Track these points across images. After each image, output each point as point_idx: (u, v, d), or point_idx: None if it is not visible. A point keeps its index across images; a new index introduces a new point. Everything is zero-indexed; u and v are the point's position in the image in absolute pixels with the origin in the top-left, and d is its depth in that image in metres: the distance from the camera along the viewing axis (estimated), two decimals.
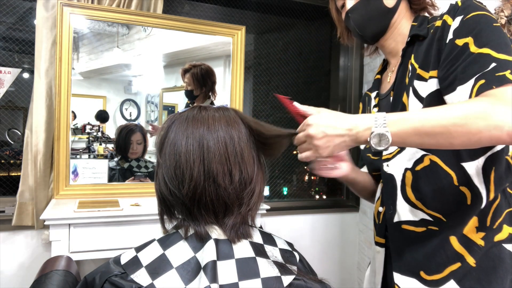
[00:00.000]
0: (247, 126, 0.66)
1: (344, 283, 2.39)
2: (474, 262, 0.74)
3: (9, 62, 1.86)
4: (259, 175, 0.65)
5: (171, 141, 0.63)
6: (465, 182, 0.75)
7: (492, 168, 0.74)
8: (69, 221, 1.45)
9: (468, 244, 0.75)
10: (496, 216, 0.75)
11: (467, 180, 0.75)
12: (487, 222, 0.75)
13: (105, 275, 0.59)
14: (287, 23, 2.44)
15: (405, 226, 0.82)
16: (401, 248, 0.83)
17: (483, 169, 0.74)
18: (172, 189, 0.62)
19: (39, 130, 1.73)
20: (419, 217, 0.80)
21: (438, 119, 0.62)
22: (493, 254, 0.74)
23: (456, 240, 0.75)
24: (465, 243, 0.75)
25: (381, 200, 0.92)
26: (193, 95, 2.06)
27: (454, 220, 0.76)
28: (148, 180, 1.97)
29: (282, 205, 2.36)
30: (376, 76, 1.01)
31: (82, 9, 1.76)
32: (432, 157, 0.77)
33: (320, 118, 0.70)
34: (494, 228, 0.75)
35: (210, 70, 2.08)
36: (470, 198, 0.74)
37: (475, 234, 0.75)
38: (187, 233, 0.61)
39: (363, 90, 2.46)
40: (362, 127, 0.66)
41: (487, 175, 0.74)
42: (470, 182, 0.74)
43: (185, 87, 2.06)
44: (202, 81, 2.05)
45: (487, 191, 0.74)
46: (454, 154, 0.75)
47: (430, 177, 0.78)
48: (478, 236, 0.75)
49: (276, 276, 0.58)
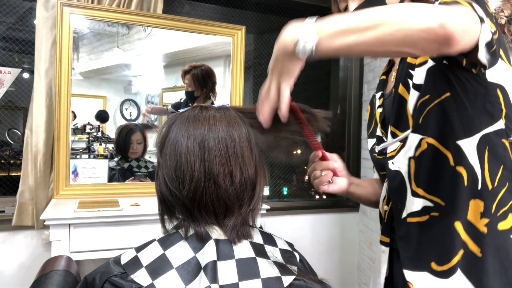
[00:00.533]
0: (247, 126, 0.66)
1: (344, 283, 2.40)
2: (479, 251, 0.73)
3: (9, 62, 1.86)
4: (260, 176, 0.65)
5: (172, 141, 0.63)
6: (461, 161, 0.74)
7: (486, 148, 0.74)
8: (69, 221, 1.45)
9: (471, 231, 0.74)
10: (502, 203, 0.74)
11: (463, 159, 0.74)
12: (492, 209, 0.74)
13: (105, 275, 0.59)
14: (287, 23, 2.44)
15: (410, 219, 0.82)
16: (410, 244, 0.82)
17: (478, 147, 0.74)
18: (172, 189, 0.62)
19: (39, 130, 1.73)
20: (421, 205, 0.79)
21: (367, 14, 0.59)
22: (499, 244, 0.73)
23: (461, 226, 0.75)
24: (468, 229, 0.74)
25: (387, 198, 0.91)
26: (193, 96, 2.06)
27: (452, 203, 0.75)
28: (148, 180, 1.97)
29: (282, 205, 2.36)
30: (382, 76, 1.01)
31: (82, 9, 1.76)
32: (428, 140, 0.77)
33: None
34: (498, 215, 0.74)
35: (210, 71, 2.08)
36: (466, 178, 0.74)
37: (479, 220, 0.74)
38: (187, 233, 0.61)
39: (363, 90, 2.46)
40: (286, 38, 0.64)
41: (481, 154, 0.74)
42: (466, 161, 0.74)
43: (186, 88, 2.06)
44: (203, 82, 2.05)
45: (482, 171, 0.74)
46: (449, 132, 0.75)
47: (428, 161, 0.77)
48: (481, 222, 0.74)
49: (276, 277, 0.58)
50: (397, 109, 0.84)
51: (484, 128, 0.74)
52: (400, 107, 0.83)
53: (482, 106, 0.73)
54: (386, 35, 0.58)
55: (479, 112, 0.73)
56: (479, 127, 0.74)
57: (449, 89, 0.74)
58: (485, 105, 0.74)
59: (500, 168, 0.75)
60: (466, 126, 0.74)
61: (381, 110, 0.96)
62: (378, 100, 0.99)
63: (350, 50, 0.62)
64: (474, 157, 0.74)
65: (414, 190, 0.81)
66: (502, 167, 0.75)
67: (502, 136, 0.75)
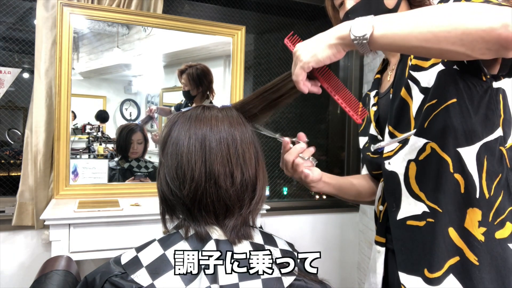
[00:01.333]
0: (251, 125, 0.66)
1: (344, 283, 2.40)
2: (475, 259, 0.73)
3: (9, 62, 1.86)
4: (261, 176, 0.65)
5: (174, 140, 0.63)
6: (460, 169, 0.74)
7: (485, 157, 0.74)
8: (69, 221, 1.45)
9: (468, 238, 0.74)
10: (499, 212, 0.74)
11: (462, 167, 0.74)
12: (489, 217, 0.74)
13: (105, 275, 0.59)
14: (287, 23, 2.44)
15: (410, 222, 0.81)
16: (406, 246, 0.82)
17: (477, 155, 0.74)
18: (173, 189, 0.62)
19: (39, 130, 1.73)
20: (421, 210, 0.79)
21: (426, 10, 0.59)
22: (496, 253, 0.73)
23: (455, 232, 0.74)
24: (465, 236, 0.74)
25: (382, 199, 0.91)
26: (190, 95, 2.06)
27: (449, 210, 0.75)
28: (148, 180, 1.97)
29: (282, 205, 2.36)
30: (376, 75, 1.01)
31: (82, 9, 1.76)
32: (432, 144, 0.76)
33: (304, 42, 0.70)
34: (495, 224, 0.74)
35: (205, 70, 2.07)
36: (463, 186, 0.74)
37: (477, 228, 0.73)
38: (187, 233, 0.61)
39: (363, 90, 2.46)
40: (342, 26, 0.65)
41: (480, 163, 0.74)
42: (465, 169, 0.74)
43: (183, 88, 2.06)
44: (198, 80, 2.05)
45: (480, 179, 0.74)
46: (452, 139, 0.74)
47: (431, 166, 0.77)
48: (479, 231, 0.73)
49: (276, 277, 0.58)
50: (397, 111, 0.83)
51: (485, 136, 0.74)
52: (402, 109, 0.82)
53: (484, 114, 0.73)
54: (443, 32, 0.56)
55: (481, 119, 0.73)
56: (480, 136, 0.74)
57: (456, 95, 0.73)
58: (487, 113, 0.73)
59: (497, 177, 0.75)
60: (468, 134, 0.73)
61: (376, 109, 0.95)
62: (372, 99, 0.98)
63: (403, 43, 0.61)
64: (473, 165, 0.74)
65: (416, 193, 0.80)
66: (500, 176, 0.75)
67: (500, 144, 0.75)
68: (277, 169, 2.43)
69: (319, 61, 0.66)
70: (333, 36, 0.65)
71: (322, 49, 0.66)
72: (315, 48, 0.66)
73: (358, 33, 0.62)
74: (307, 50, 0.67)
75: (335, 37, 0.65)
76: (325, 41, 0.66)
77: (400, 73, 0.86)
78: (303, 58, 0.67)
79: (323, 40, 0.66)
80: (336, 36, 0.65)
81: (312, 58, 0.66)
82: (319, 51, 0.66)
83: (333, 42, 0.65)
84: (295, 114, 2.48)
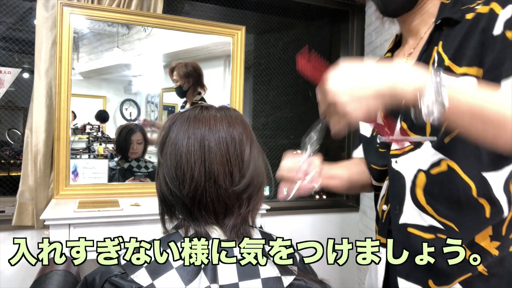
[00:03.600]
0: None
1: (344, 283, 2.39)
2: (485, 270, 0.71)
3: (9, 62, 1.86)
4: (260, 176, 0.65)
5: (172, 140, 0.63)
6: (485, 194, 0.69)
7: (511, 180, 0.70)
8: (69, 221, 1.45)
9: (481, 254, 0.70)
10: None
11: (488, 192, 0.69)
12: (502, 231, 0.71)
13: (105, 275, 0.59)
14: (287, 23, 2.44)
15: (412, 230, 0.78)
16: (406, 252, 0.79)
17: (506, 181, 0.70)
18: (172, 189, 0.62)
19: (39, 130, 1.73)
20: (428, 223, 0.75)
21: (499, 103, 0.53)
22: (508, 263, 0.71)
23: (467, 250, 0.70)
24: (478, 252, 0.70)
25: (386, 198, 0.86)
26: (182, 90, 2.06)
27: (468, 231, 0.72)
28: (148, 180, 1.97)
29: (282, 205, 2.36)
30: (387, 53, 0.91)
31: (82, 9, 1.76)
32: (450, 163, 0.71)
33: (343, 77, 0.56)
34: (510, 237, 0.71)
35: (194, 64, 2.08)
36: (489, 211, 0.70)
37: (489, 243, 0.71)
38: (187, 233, 0.61)
39: None
40: (406, 83, 0.54)
41: (507, 187, 0.70)
42: (491, 195, 0.69)
43: (175, 85, 2.06)
44: (187, 72, 2.05)
45: (509, 204, 0.70)
46: (475, 162, 0.70)
47: (446, 184, 0.72)
48: (492, 245, 0.71)
49: (276, 277, 0.58)
50: None
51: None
52: None
53: None
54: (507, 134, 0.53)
55: None
56: (508, 160, 0.69)
57: None
58: None
59: None
60: (495, 158, 0.69)
61: None
62: None
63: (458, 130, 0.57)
64: (500, 190, 0.70)
65: (422, 205, 0.76)
66: None
67: None
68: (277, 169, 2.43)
69: (370, 119, 0.57)
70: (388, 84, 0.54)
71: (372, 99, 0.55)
72: (367, 99, 0.54)
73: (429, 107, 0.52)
74: (358, 100, 0.54)
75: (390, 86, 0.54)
76: (375, 87, 0.54)
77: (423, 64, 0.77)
78: (353, 117, 0.55)
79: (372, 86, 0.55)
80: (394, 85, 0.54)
81: (363, 117, 0.55)
82: (371, 102, 0.54)
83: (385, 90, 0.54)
84: (295, 114, 2.48)
